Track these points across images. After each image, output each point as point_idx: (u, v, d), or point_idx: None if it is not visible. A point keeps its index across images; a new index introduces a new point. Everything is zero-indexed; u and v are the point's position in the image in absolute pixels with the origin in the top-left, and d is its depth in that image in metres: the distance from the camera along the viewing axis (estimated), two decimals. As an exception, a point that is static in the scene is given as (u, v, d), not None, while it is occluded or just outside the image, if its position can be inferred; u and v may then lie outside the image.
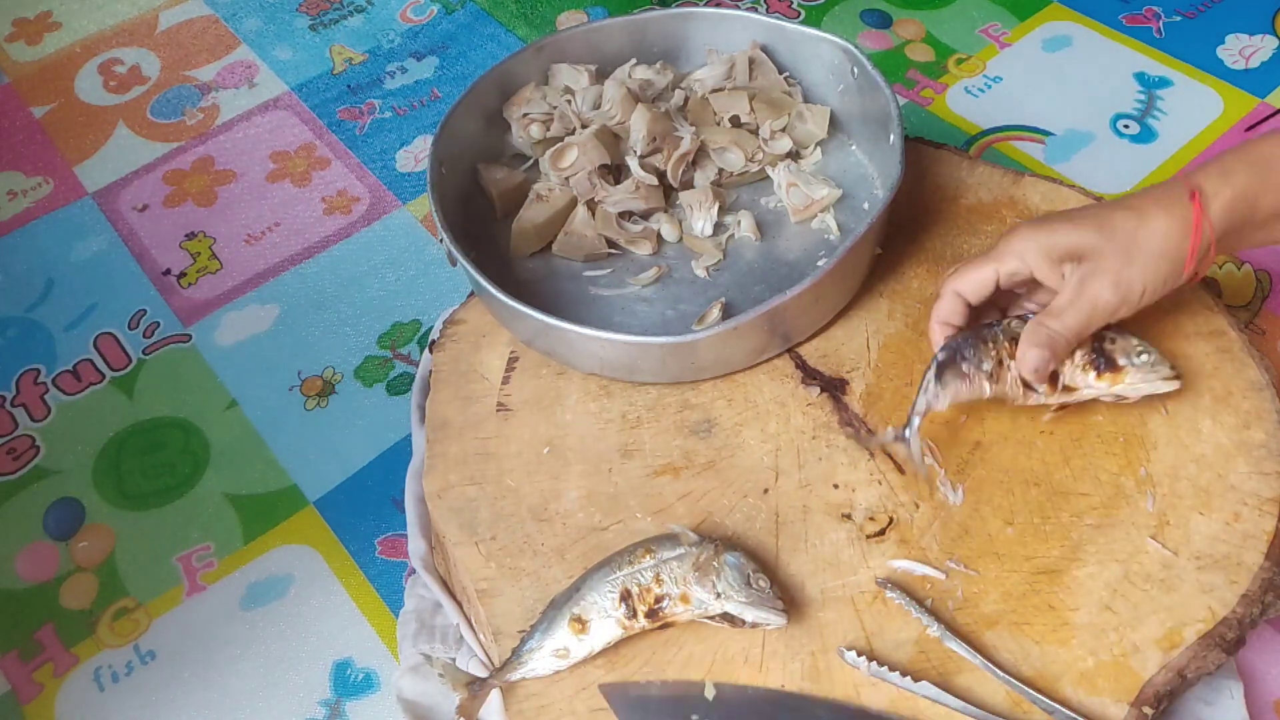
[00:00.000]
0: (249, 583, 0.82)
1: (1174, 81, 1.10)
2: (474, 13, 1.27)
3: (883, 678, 0.61)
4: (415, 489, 0.77)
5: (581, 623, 0.62)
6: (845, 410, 0.73)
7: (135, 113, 1.19)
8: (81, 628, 0.81)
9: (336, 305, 1.00)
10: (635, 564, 0.63)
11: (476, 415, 0.75)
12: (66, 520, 0.87)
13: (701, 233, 0.83)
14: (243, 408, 0.93)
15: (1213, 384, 0.72)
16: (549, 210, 0.83)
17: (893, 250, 0.81)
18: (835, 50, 0.85)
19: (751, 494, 0.70)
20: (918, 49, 1.17)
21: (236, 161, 1.13)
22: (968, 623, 0.63)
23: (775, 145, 0.85)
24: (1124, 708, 0.60)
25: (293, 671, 0.78)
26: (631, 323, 0.79)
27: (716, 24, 0.90)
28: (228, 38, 1.27)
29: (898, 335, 0.77)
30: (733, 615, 0.61)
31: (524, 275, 0.83)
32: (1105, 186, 1.01)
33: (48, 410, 0.94)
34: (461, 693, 0.62)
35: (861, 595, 0.65)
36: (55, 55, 1.26)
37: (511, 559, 0.68)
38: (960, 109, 1.10)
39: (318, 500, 0.87)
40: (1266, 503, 0.66)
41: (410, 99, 1.17)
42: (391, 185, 1.09)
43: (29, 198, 1.11)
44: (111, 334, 0.99)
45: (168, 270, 1.04)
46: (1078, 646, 0.62)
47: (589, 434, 0.74)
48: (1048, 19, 1.18)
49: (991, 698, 0.61)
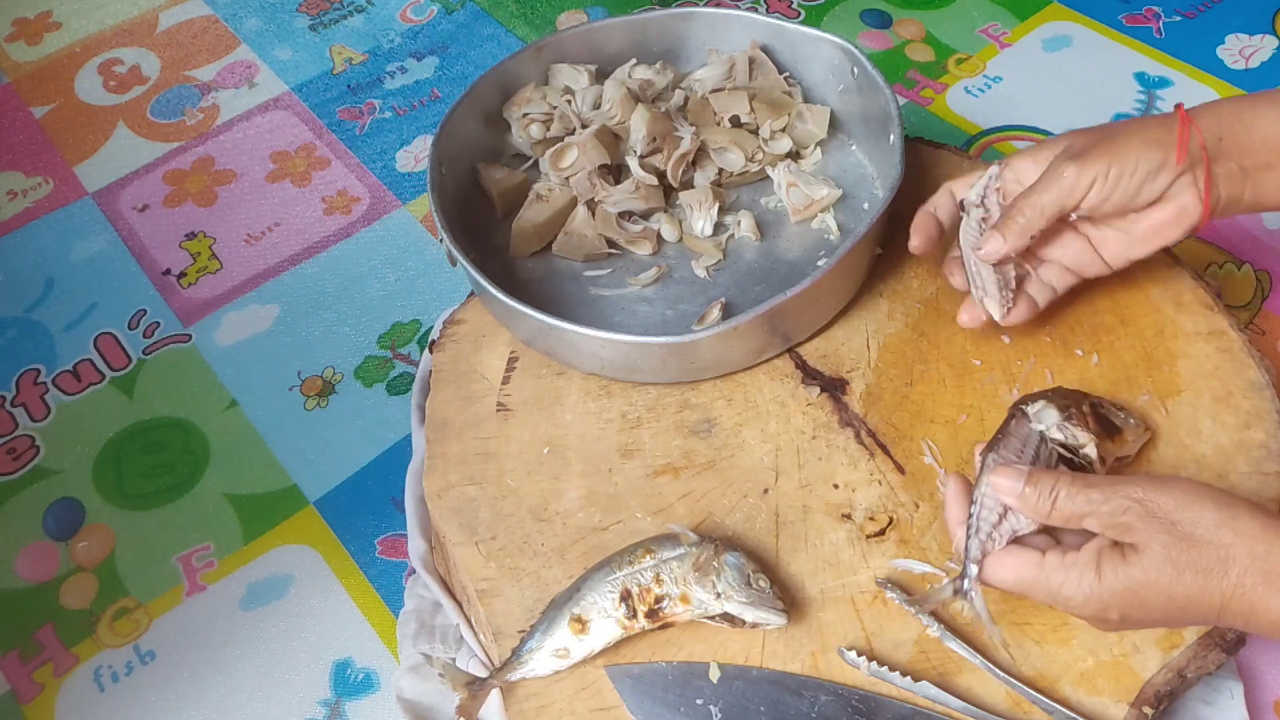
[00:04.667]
0: (249, 583, 0.82)
1: (1174, 81, 1.10)
2: (474, 13, 1.27)
3: (883, 678, 0.61)
4: (415, 489, 0.77)
5: (581, 623, 0.62)
6: (845, 410, 0.73)
7: (135, 113, 1.19)
8: (81, 628, 0.81)
9: (336, 305, 0.99)
10: (635, 564, 0.63)
11: (476, 415, 0.75)
12: (66, 520, 0.87)
13: (701, 233, 0.83)
14: (243, 408, 0.93)
15: (1213, 384, 0.72)
16: (549, 210, 0.83)
17: (893, 250, 0.81)
18: (835, 50, 0.85)
19: (751, 494, 0.70)
20: (918, 49, 1.17)
21: (236, 161, 1.13)
22: (968, 623, 0.63)
23: (775, 145, 0.85)
24: (1124, 708, 0.60)
25: (293, 671, 0.78)
26: (631, 323, 0.79)
27: (716, 24, 0.90)
28: (228, 38, 1.27)
29: (898, 335, 0.77)
30: (733, 615, 0.61)
31: (524, 275, 0.83)
32: (1105, 186, 1.01)
33: (48, 410, 0.94)
34: (461, 693, 0.62)
35: (861, 595, 0.65)
36: (55, 55, 1.26)
37: (511, 559, 0.68)
38: (960, 109, 1.10)
39: (318, 500, 0.86)
40: (1267, 503, 0.66)
41: (410, 99, 1.17)
42: (391, 185, 1.09)
43: (29, 198, 1.11)
44: (111, 334, 0.99)
45: (168, 270, 1.04)
46: (1078, 646, 0.62)
47: (589, 434, 0.74)
48: (1048, 19, 1.18)
49: (991, 698, 0.61)
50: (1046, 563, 0.56)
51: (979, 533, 0.58)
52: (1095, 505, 0.55)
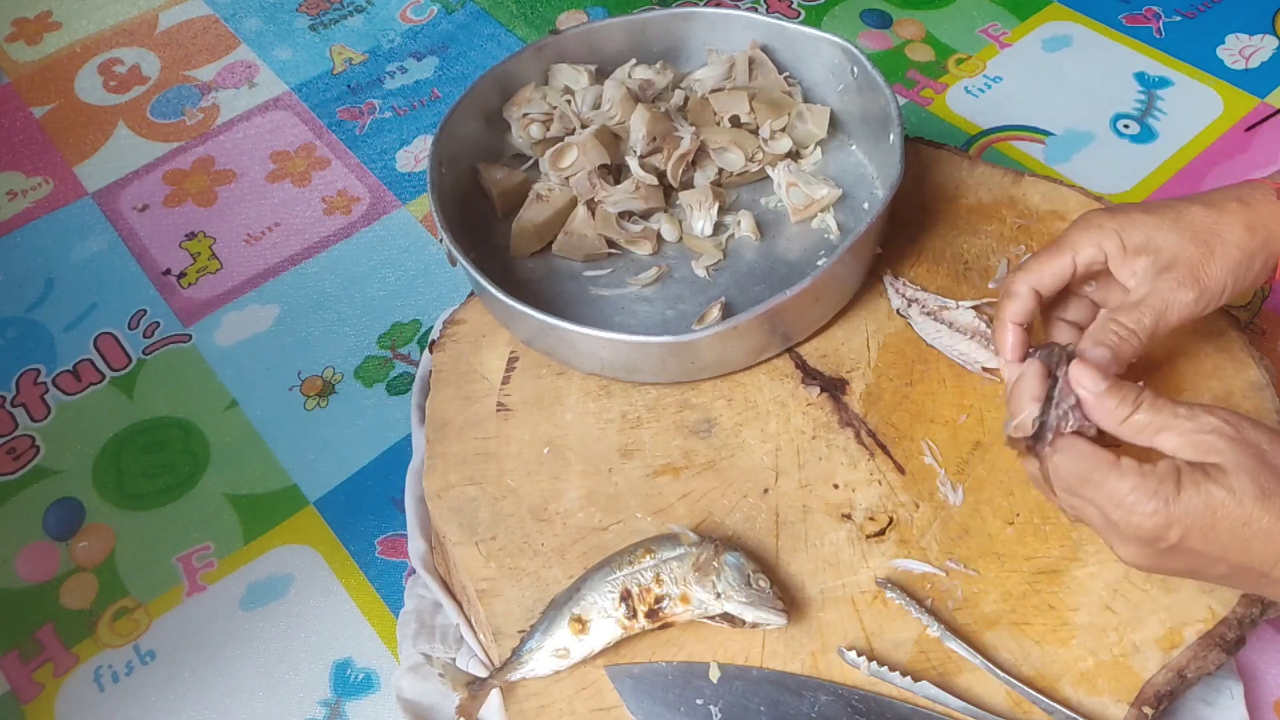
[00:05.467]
0: (249, 583, 0.82)
1: (1174, 81, 1.10)
2: (474, 13, 1.27)
3: (882, 678, 0.61)
4: (415, 489, 0.77)
5: (581, 623, 0.62)
6: (845, 410, 0.73)
7: (135, 113, 1.19)
8: (81, 628, 0.81)
9: (336, 305, 1.00)
10: (635, 564, 0.63)
11: (476, 415, 0.75)
12: (66, 520, 0.87)
13: (701, 233, 0.83)
14: (243, 408, 0.93)
15: (1213, 384, 0.72)
16: (549, 210, 0.83)
17: (893, 250, 0.81)
18: (835, 50, 0.85)
19: (751, 494, 0.70)
20: (918, 49, 1.17)
21: (236, 161, 1.13)
22: (968, 623, 0.63)
23: (775, 145, 0.85)
24: (1124, 708, 0.60)
25: (293, 671, 0.78)
26: (631, 323, 0.79)
27: (716, 24, 0.90)
28: (228, 38, 1.27)
29: (898, 335, 0.77)
30: (733, 615, 0.61)
31: (524, 275, 0.83)
32: (1105, 186, 1.01)
33: (48, 410, 0.94)
34: (461, 693, 0.62)
35: (861, 595, 0.65)
36: (55, 55, 1.26)
37: (511, 559, 0.68)
38: (960, 109, 1.10)
39: (318, 500, 0.86)
40: (1266, 503, 0.66)
41: (410, 99, 1.17)
42: (391, 185, 1.09)
43: (29, 198, 1.11)
44: (111, 334, 0.99)
45: (168, 270, 1.04)
46: (1078, 646, 0.62)
47: (589, 434, 0.74)
48: (1048, 19, 1.18)
49: (991, 698, 0.61)
50: (1123, 464, 0.52)
51: (1057, 407, 0.55)
52: (1180, 420, 0.52)
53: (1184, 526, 0.51)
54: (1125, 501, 0.52)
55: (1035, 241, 0.81)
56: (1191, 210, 0.60)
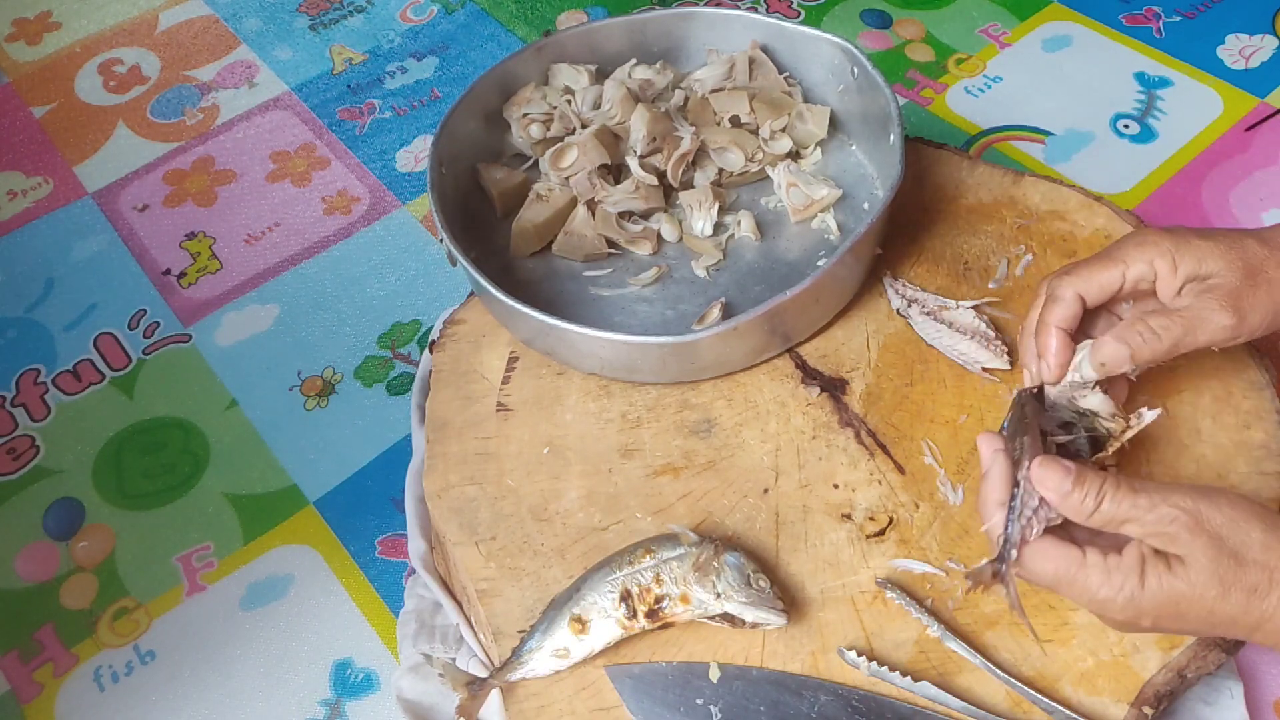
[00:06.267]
0: (249, 583, 0.82)
1: (1174, 81, 1.10)
2: (474, 13, 1.27)
3: (882, 678, 0.61)
4: (415, 489, 0.77)
5: (581, 623, 0.62)
6: (845, 410, 0.73)
7: (135, 113, 1.19)
8: (81, 628, 0.81)
9: (336, 305, 0.99)
10: (635, 564, 0.63)
11: (476, 415, 0.75)
12: (66, 520, 0.87)
13: (701, 233, 0.83)
14: (243, 408, 0.93)
15: (1213, 384, 0.72)
16: (549, 210, 0.83)
17: (893, 250, 0.81)
18: (835, 50, 0.85)
19: (751, 494, 0.70)
20: (918, 49, 1.17)
21: (236, 161, 1.13)
22: (968, 623, 0.63)
23: (775, 145, 0.85)
24: (1124, 708, 0.60)
25: (293, 671, 0.78)
26: (631, 323, 0.79)
27: (716, 24, 0.90)
28: (228, 38, 1.27)
29: (898, 335, 0.77)
30: (733, 615, 0.61)
31: (524, 275, 0.83)
32: (1105, 186, 1.01)
33: (48, 410, 0.94)
34: (461, 693, 0.62)
35: (861, 595, 0.65)
36: (55, 55, 1.26)
37: (511, 559, 0.68)
38: (960, 109, 1.10)
39: (318, 500, 0.86)
40: (1267, 503, 0.66)
41: (410, 99, 1.17)
42: (391, 185, 1.09)
43: (29, 198, 1.11)
44: (111, 334, 0.99)
45: (168, 270, 1.04)
46: (1078, 646, 0.62)
47: (589, 434, 0.74)
48: (1048, 19, 1.18)
49: (991, 698, 0.61)
50: (1089, 561, 0.54)
51: (1020, 517, 0.55)
52: (1141, 512, 0.53)
53: (1154, 615, 0.54)
54: (1096, 597, 0.54)
55: (1035, 241, 0.81)
56: (1246, 242, 0.61)
